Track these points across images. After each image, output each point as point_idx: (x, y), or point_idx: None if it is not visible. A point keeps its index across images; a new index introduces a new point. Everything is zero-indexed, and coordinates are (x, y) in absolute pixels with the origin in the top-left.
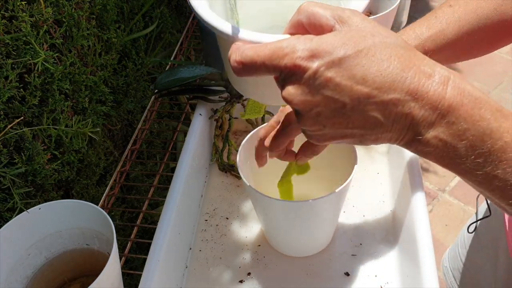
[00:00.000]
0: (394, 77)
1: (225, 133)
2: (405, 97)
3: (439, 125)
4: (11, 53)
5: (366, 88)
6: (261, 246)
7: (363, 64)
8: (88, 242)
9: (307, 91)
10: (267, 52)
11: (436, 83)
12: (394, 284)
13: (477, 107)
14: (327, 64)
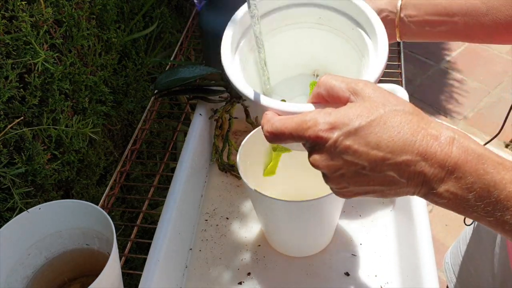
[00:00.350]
0: (404, 141)
1: (225, 133)
2: (416, 157)
3: (449, 180)
4: (11, 53)
5: (381, 152)
6: (261, 246)
7: (376, 132)
8: (88, 242)
9: (330, 158)
10: (293, 125)
11: (443, 144)
12: (394, 284)
13: (480, 163)
14: (345, 134)
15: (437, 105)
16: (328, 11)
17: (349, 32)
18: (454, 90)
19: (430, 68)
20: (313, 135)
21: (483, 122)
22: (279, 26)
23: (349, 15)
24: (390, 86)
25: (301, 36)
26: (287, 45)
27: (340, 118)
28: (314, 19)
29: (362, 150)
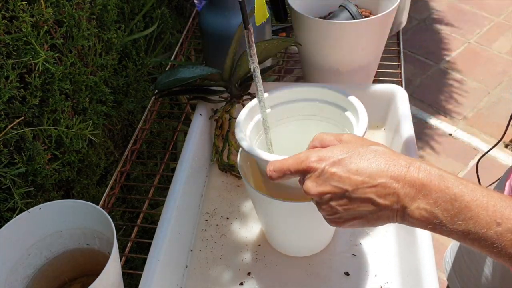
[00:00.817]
0: (380, 168)
1: (225, 133)
2: (389, 180)
3: (418, 198)
4: (12, 53)
5: (361, 177)
6: (261, 246)
7: (356, 162)
8: (88, 242)
9: (320, 183)
10: (290, 161)
11: (411, 170)
12: (394, 284)
13: (442, 180)
14: (330, 164)
15: (437, 105)
16: (320, 104)
17: (338, 117)
18: (454, 90)
19: (430, 68)
20: (306, 166)
21: (483, 122)
22: (281, 118)
23: (337, 104)
24: (390, 86)
25: (299, 125)
26: (288, 134)
27: (326, 153)
28: (309, 111)
29: (345, 176)
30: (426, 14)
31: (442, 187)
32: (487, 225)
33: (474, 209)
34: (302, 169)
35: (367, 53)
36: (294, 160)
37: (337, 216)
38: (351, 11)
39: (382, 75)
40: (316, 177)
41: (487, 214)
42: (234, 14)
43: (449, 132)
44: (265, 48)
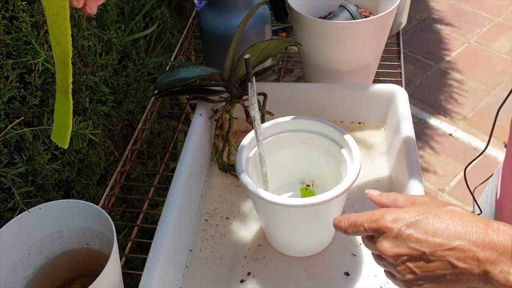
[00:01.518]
0: (457, 229)
1: (225, 133)
2: (468, 243)
3: (501, 261)
4: (12, 53)
5: (438, 239)
6: (261, 246)
7: (433, 223)
8: (88, 242)
9: (397, 244)
10: (365, 217)
11: (489, 232)
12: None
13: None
14: (407, 224)
15: (437, 105)
16: (310, 134)
17: (327, 147)
18: (454, 90)
19: (430, 68)
20: (381, 225)
21: (483, 122)
22: (273, 147)
23: (326, 135)
24: (390, 87)
25: (290, 154)
26: (280, 162)
27: (402, 214)
28: (300, 141)
29: (422, 238)
30: (426, 14)
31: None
32: None
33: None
34: (377, 227)
35: (367, 53)
36: (369, 218)
37: (414, 279)
38: (351, 11)
39: (382, 75)
40: (392, 237)
41: None
42: (234, 14)
43: (449, 132)
44: (265, 48)
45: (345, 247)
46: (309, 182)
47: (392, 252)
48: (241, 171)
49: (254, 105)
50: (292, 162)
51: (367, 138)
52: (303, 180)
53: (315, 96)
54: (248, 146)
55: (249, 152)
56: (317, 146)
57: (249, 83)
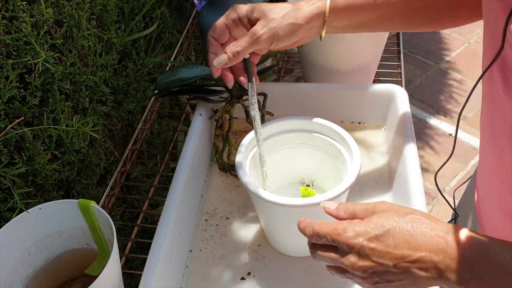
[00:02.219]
0: (417, 241)
1: (225, 133)
2: (429, 254)
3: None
4: (12, 54)
5: (400, 251)
6: (261, 246)
7: (393, 236)
8: (88, 242)
9: (361, 258)
10: (328, 230)
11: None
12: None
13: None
14: (368, 239)
15: (437, 105)
16: (310, 134)
17: (327, 147)
18: (454, 90)
19: (430, 68)
20: (343, 241)
21: None
22: (273, 147)
23: (326, 134)
24: (390, 87)
25: (290, 154)
26: (280, 162)
27: (362, 228)
28: (300, 141)
29: (385, 251)
30: None
31: (485, 257)
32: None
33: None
34: (340, 241)
35: (367, 53)
36: (331, 230)
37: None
38: None
39: (382, 75)
40: (355, 253)
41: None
42: None
43: (449, 132)
44: None
45: None
46: (309, 182)
47: (358, 266)
48: (241, 171)
49: (254, 105)
50: (292, 162)
51: (367, 138)
52: (303, 180)
53: (315, 96)
54: (248, 146)
55: (249, 152)
56: (317, 146)
57: (249, 83)
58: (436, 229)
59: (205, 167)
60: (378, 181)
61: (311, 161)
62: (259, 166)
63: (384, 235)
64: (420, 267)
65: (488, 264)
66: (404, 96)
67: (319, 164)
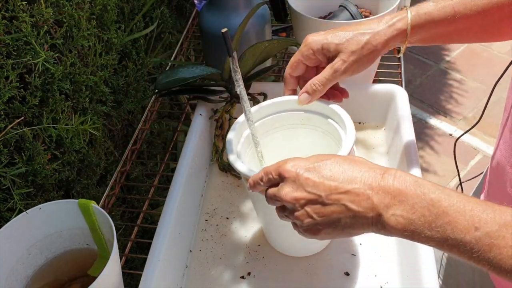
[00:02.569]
0: (354, 174)
1: (225, 133)
2: (363, 186)
3: (394, 204)
4: (12, 54)
5: (334, 182)
6: (261, 246)
7: (330, 168)
8: (88, 242)
9: (295, 189)
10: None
11: (385, 177)
12: (394, 284)
13: (418, 187)
14: (305, 169)
15: (437, 105)
16: (308, 114)
17: (325, 126)
18: (454, 90)
19: (430, 68)
20: (281, 170)
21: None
22: (269, 129)
23: (324, 114)
24: (390, 87)
25: (288, 134)
26: (277, 143)
27: (303, 162)
28: (297, 121)
29: (319, 181)
30: None
31: (419, 193)
32: (465, 230)
33: (452, 214)
34: (279, 171)
35: None
36: (276, 166)
37: (313, 223)
38: (351, 11)
39: (382, 75)
40: (291, 182)
41: (465, 219)
42: (234, 14)
43: (449, 132)
44: (265, 49)
45: (345, 247)
46: None
47: (290, 196)
48: (230, 148)
49: (239, 82)
50: (290, 143)
51: (367, 138)
52: None
53: None
54: (243, 124)
55: (240, 136)
56: (315, 126)
57: (230, 58)
58: (375, 167)
59: (205, 167)
60: None
61: (309, 142)
62: (253, 149)
63: (322, 166)
64: (353, 200)
65: (421, 199)
66: (404, 96)
67: (317, 145)
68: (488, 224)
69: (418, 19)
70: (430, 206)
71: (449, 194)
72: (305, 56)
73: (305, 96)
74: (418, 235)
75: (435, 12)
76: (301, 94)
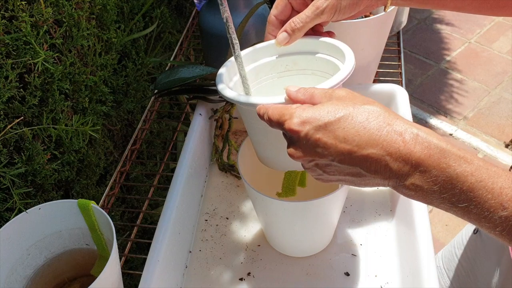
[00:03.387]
0: (370, 135)
1: (225, 133)
2: (380, 151)
3: (414, 174)
4: (11, 53)
5: (348, 145)
6: (261, 246)
7: (344, 126)
8: (88, 242)
9: (304, 149)
10: (276, 116)
11: (406, 140)
12: (394, 284)
13: (443, 157)
14: (315, 128)
15: (437, 105)
16: (293, 57)
17: (313, 64)
18: (454, 90)
19: (430, 68)
20: (287, 127)
21: (483, 122)
22: (254, 79)
23: (311, 51)
24: (390, 86)
25: (275, 86)
26: (264, 94)
27: (312, 114)
28: (282, 68)
29: (330, 143)
30: (426, 14)
31: (443, 165)
32: (492, 208)
33: (479, 191)
34: (284, 128)
35: (367, 53)
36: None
37: (324, 177)
38: None
39: (382, 75)
40: (299, 142)
41: (493, 197)
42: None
43: (449, 132)
44: None
45: (345, 247)
46: None
47: (299, 156)
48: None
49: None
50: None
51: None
52: None
53: None
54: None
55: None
56: (303, 69)
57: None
58: (394, 123)
59: (205, 167)
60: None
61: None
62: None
63: (333, 123)
64: (368, 167)
65: (445, 172)
66: (405, 96)
67: None
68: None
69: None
70: (454, 181)
71: (477, 167)
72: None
73: (284, 36)
74: (438, 204)
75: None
76: (280, 34)
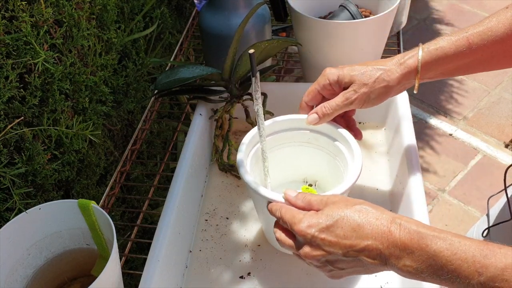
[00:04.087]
0: (364, 231)
1: (225, 133)
2: (375, 242)
3: (403, 256)
4: (12, 53)
5: (349, 241)
6: (261, 246)
7: (342, 226)
8: (88, 242)
9: (314, 249)
10: (288, 216)
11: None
12: (394, 284)
13: (421, 238)
14: (319, 230)
15: (437, 105)
16: (315, 134)
17: (331, 147)
18: (454, 90)
19: None
20: (297, 229)
21: (483, 122)
22: (277, 144)
23: (331, 136)
24: None
25: (294, 152)
26: (283, 159)
27: (315, 220)
28: (304, 139)
29: (335, 240)
30: (426, 14)
31: (422, 245)
32: (470, 276)
33: (455, 263)
34: (295, 230)
35: (367, 53)
36: (291, 219)
37: (336, 273)
38: (351, 11)
39: None
40: (309, 243)
41: (468, 266)
42: (234, 14)
43: (449, 132)
44: (265, 48)
45: None
46: (311, 182)
47: (311, 256)
48: (242, 169)
49: (258, 100)
50: (296, 161)
51: (367, 138)
52: (306, 179)
53: None
54: (249, 144)
55: (250, 150)
56: (322, 147)
57: (253, 78)
58: (381, 218)
59: (205, 167)
60: (378, 181)
61: (315, 161)
62: (261, 163)
63: (334, 225)
64: (368, 255)
65: (425, 251)
66: (405, 96)
67: (322, 165)
68: (490, 269)
69: (429, 55)
70: (434, 257)
71: (451, 243)
72: (322, 86)
73: (314, 117)
74: (430, 280)
75: (447, 46)
76: (311, 114)
